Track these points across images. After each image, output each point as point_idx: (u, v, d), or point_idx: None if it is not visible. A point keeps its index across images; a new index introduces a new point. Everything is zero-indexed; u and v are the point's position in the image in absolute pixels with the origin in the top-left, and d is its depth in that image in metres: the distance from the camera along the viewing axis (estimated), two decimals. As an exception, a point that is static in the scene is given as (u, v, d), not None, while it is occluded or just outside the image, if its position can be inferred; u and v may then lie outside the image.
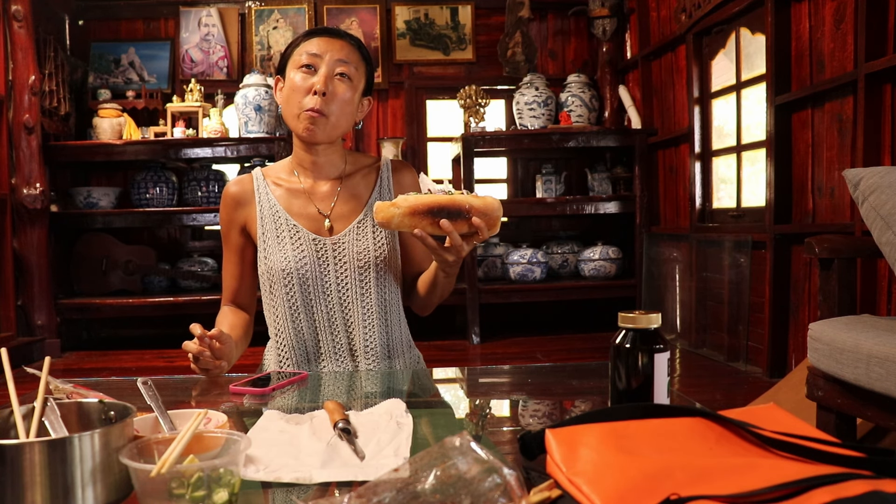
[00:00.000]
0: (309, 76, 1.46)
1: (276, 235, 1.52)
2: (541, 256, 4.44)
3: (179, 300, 4.24)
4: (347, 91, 1.47)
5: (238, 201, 1.57)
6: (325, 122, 1.46)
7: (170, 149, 4.24)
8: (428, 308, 1.59)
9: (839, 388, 1.68)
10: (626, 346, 0.90)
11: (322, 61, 1.46)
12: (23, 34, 3.90)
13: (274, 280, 1.50)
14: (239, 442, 0.76)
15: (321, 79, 1.44)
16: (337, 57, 1.46)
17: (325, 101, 1.44)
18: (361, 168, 1.60)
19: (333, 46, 1.47)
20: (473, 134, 4.33)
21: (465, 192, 1.28)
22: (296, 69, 1.47)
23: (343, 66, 1.47)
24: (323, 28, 1.52)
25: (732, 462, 0.71)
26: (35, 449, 0.69)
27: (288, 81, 1.49)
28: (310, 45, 1.47)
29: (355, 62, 1.49)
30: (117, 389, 1.16)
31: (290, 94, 1.47)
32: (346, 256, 1.51)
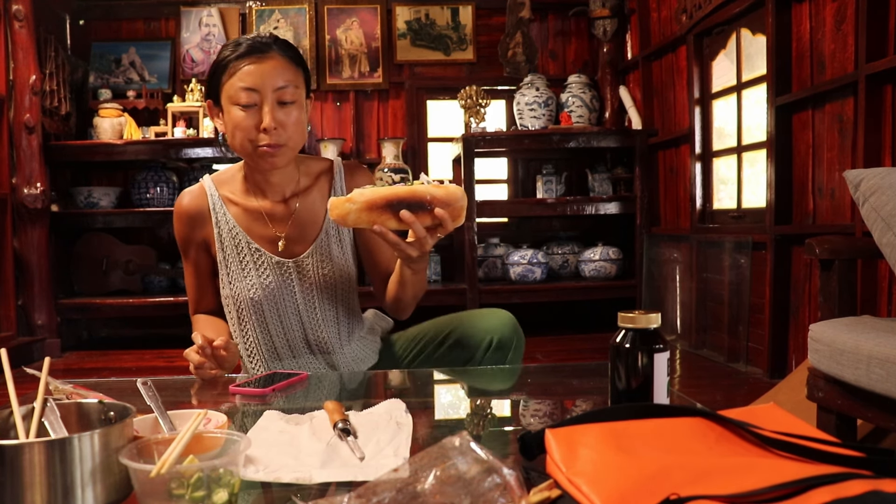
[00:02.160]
0: (251, 113, 1.38)
1: (239, 261, 1.49)
2: (541, 257, 4.44)
3: (180, 300, 4.23)
4: (294, 112, 1.41)
5: (194, 219, 1.52)
6: (283, 149, 1.41)
7: (170, 149, 4.24)
8: (403, 310, 1.54)
9: (839, 389, 1.68)
10: (626, 347, 0.90)
11: (260, 95, 1.37)
12: (23, 34, 3.90)
13: (241, 306, 1.50)
14: (238, 442, 0.76)
15: (267, 116, 1.37)
16: (274, 85, 1.37)
17: (277, 133, 1.38)
18: (316, 179, 1.55)
19: (265, 71, 1.37)
20: (474, 134, 4.33)
21: (427, 182, 1.21)
22: (233, 105, 1.38)
23: (283, 91, 1.38)
24: (248, 47, 1.39)
25: (732, 462, 0.71)
26: (35, 449, 0.69)
27: (228, 116, 1.40)
28: (242, 76, 1.37)
29: (293, 79, 1.40)
30: (117, 390, 1.16)
31: (236, 131, 1.39)
32: (310, 277, 1.50)
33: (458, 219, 1.22)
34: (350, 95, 4.84)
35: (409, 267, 1.37)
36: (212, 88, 1.45)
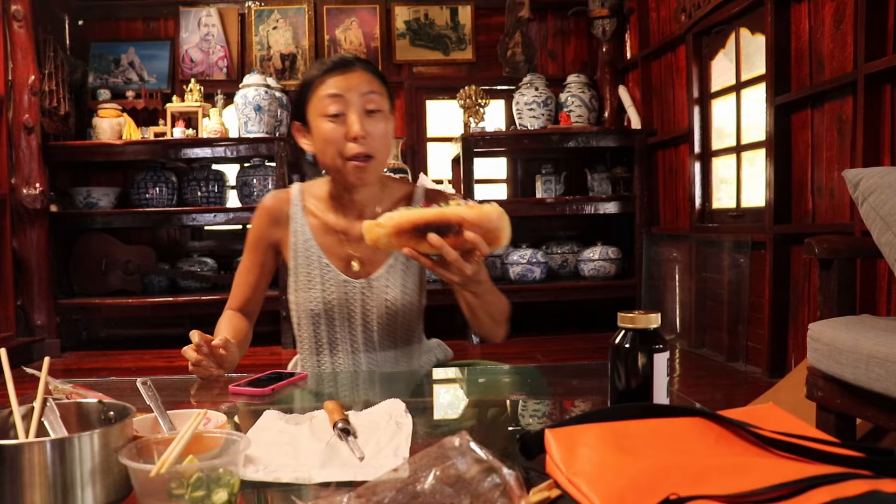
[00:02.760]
0: (339, 122, 1.39)
1: (307, 273, 1.50)
2: (540, 256, 4.44)
3: (179, 300, 4.24)
4: (382, 123, 1.41)
5: (274, 218, 1.54)
6: (373, 163, 1.41)
7: (169, 149, 4.24)
8: (487, 333, 1.46)
9: (839, 388, 1.68)
10: (626, 346, 0.90)
11: (347, 102, 1.39)
12: (22, 34, 3.90)
13: (301, 316, 1.53)
14: (238, 442, 0.76)
15: (356, 123, 1.37)
16: (361, 92, 1.39)
17: (366, 143, 1.38)
18: (396, 203, 1.52)
19: (352, 81, 1.39)
20: (473, 134, 4.33)
21: (464, 203, 1.14)
22: (321, 117, 1.40)
23: (370, 99, 1.40)
24: (333, 63, 1.42)
25: (732, 462, 0.71)
26: (34, 449, 0.69)
27: (317, 131, 1.41)
28: (327, 87, 1.39)
29: (378, 89, 1.42)
30: (117, 389, 1.16)
31: (325, 145, 1.40)
32: (375, 300, 1.49)
33: (496, 242, 1.15)
34: (349, 95, 4.83)
35: (467, 290, 1.29)
36: (298, 109, 1.47)
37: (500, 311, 1.42)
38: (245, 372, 1.56)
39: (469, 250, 1.15)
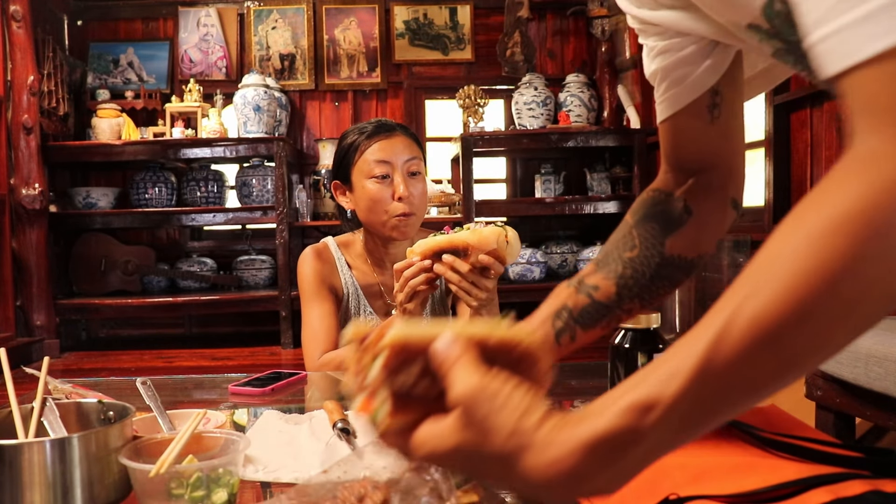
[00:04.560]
0: (385, 184, 1.53)
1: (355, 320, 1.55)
2: (540, 256, 4.45)
3: (178, 300, 4.23)
4: (421, 184, 1.56)
5: (329, 265, 1.62)
6: (413, 219, 1.55)
7: (169, 149, 4.24)
8: None
9: (838, 387, 1.68)
10: (626, 346, 0.90)
11: (393, 166, 1.53)
12: (21, 34, 3.90)
13: None
14: (238, 442, 0.76)
15: (401, 185, 1.52)
16: (405, 157, 1.54)
17: (410, 202, 1.53)
18: None
19: (396, 146, 1.54)
20: (472, 134, 4.33)
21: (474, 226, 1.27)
22: (368, 179, 1.53)
23: (411, 163, 1.55)
24: (376, 128, 1.56)
25: (731, 462, 0.72)
26: (34, 449, 0.69)
27: (363, 191, 1.54)
28: (375, 151, 1.53)
29: (417, 154, 1.58)
30: (116, 389, 1.16)
31: (372, 204, 1.53)
32: None
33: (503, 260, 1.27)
34: (348, 95, 4.83)
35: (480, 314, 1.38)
36: (342, 169, 1.59)
37: None
38: (245, 372, 1.56)
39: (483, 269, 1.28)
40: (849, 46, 0.42)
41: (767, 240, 0.46)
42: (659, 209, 0.82)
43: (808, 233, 0.43)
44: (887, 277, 0.42)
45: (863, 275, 0.41)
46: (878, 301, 0.43)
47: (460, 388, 0.46)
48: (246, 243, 4.77)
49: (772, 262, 0.45)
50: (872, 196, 0.41)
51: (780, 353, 0.43)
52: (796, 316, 0.42)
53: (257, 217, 4.27)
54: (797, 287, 0.42)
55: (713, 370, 0.43)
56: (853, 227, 0.41)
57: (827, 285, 0.42)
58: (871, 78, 0.42)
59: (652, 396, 0.44)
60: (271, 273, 4.57)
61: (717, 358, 0.43)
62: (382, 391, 0.49)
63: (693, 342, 0.45)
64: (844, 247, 0.41)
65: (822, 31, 0.43)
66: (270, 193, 4.39)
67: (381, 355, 0.49)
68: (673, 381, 0.44)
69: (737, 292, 0.46)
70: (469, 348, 0.48)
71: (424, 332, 0.49)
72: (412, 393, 0.50)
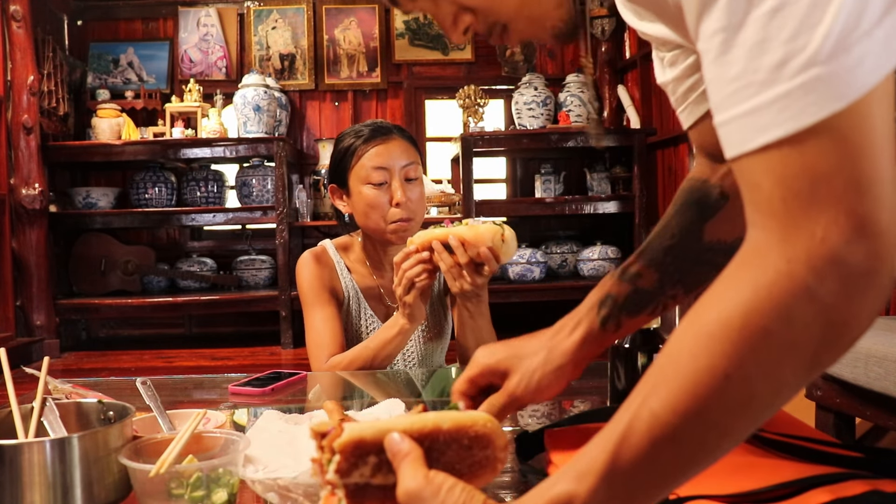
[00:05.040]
0: (383, 190, 1.51)
1: (357, 325, 1.59)
2: (540, 256, 4.45)
3: (178, 300, 4.23)
4: (419, 188, 1.55)
5: (329, 268, 1.60)
6: (412, 224, 1.55)
7: (169, 149, 4.24)
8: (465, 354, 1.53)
9: (838, 387, 1.68)
10: (626, 347, 0.90)
11: (391, 172, 1.52)
12: (21, 34, 3.90)
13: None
14: (238, 442, 0.76)
15: (399, 191, 1.51)
16: (402, 163, 1.53)
17: (407, 208, 1.52)
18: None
19: (393, 151, 1.53)
20: (472, 134, 4.33)
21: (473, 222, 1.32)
22: (365, 185, 1.52)
23: (409, 168, 1.54)
24: (372, 132, 1.54)
25: (732, 462, 0.71)
26: (34, 449, 0.69)
27: (360, 197, 1.53)
28: (372, 157, 1.52)
29: (415, 158, 1.56)
30: (116, 389, 1.16)
31: (370, 209, 1.52)
32: (413, 348, 1.60)
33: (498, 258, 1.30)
34: (348, 95, 4.83)
35: (465, 307, 1.42)
36: (338, 173, 1.58)
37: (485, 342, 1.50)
38: (245, 372, 1.56)
39: (479, 264, 1.31)
40: (738, 136, 0.46)
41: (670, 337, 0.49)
42: (696, 196, 0.84)
43: (699, 335, 0.47)
44: (773, 371, 0.45)
45: (749, 374, 0.45)
46: (771, 394, 0.46)
47: (404, 488, 0.51)
48: (246, 243, 4.77)
49: (669, 363, 0.48)
50: (754, 299, 0.44)
51: (679, 449, 0.47)
52: (690, 414, 0.46)
53: (257, 217, 4.28)
54: (689, 387, 0.46)
55: (620, 468, 0.47)
56: (736, 327, 0.45)
57: (717, 384, 0.45)
58: (756, 169, 0.46)
59: (570, 492, 0.48)
60: (271, 273, 4.57)
61: (623, 457, 0.47)
62: (339, 490, 0.53)
63: (604, 441, 0.49)
64: (730, 350, 0.45)
65: (720, 117, 0.47)
66: (270, 193, 4.39)
67: (335, 459, 0.53)
68: (586, 480, 0.48)
69: (640, 391, 0.49)
70: (415, 447, 0.53)
71: (378, 428, 0.54)
72: (371, 483, 0.54)
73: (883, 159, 0.44)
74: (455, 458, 0.56)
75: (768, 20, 0.44)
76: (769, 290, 0.44)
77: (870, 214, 0.43)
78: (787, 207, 0.44)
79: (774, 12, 0.44)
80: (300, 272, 1.58)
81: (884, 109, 0.44)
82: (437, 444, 0.55)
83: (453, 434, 0.56)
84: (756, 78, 0.45)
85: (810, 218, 0.44)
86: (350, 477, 0.54)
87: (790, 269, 0.44)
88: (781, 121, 0.44)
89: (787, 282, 0.44)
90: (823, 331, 0.45)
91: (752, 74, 0.45)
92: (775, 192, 0.45)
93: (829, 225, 0.43)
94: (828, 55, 0.43)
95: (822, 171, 0.43)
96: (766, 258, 0.45)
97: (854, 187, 0.43)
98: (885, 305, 2.48)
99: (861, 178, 0.43)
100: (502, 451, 0.57)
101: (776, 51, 0.44)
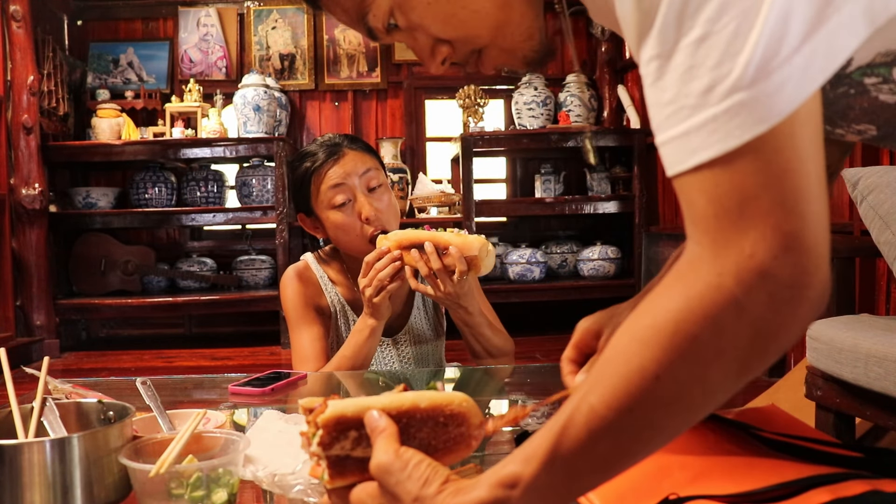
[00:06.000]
0: (349, 209, 1.46)
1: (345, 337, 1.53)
2: (539, 256, 4.44)
3: (178, 300, 4.23)
4: (386, 195, 1.49)
5: (313, 285, 1.57)
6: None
7: (169, 149, 4.24)
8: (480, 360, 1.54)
9: (838, 387, 1.68)
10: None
11: (351, 188, 1.46)
12: (21, 34, 3.90)
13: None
14: (238, 442, 0.76)
15: (365, 206, 1.45)
16: (359, 173, 1.47)
17: (378, 219, 1.46)
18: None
19: (348, 167, 1.46)
20: (472, 134, 4.33)
21: (457, 231, 1.32)
22: (330, 209, 1.47)
23: (370, 178, 1.48)
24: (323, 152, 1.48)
25: (732, 462, 0.72)
26: (34, 449, 0.69)
27: (329, 222, 1.48)
28: (328, 179, 1.46)
29: (373, 164, 1.50)
30: (116, 389, 1.16)
31: (341, 233, 1.47)
32: (406, 353, 1.59)
33: (476, 268, 1.30)
34: (348, 95, 4.83)
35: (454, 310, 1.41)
36: (301, 203, 1.53)
37: (495, 347, 1.51)
38: (245, 372, 1.56)
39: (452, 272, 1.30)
40: (675, 157, 0.49)
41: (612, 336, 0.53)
42: None
43: (633, 339, 0.50)
44: (701, 375, 0.49)
45: (676, 375, 0.48)
46: (701, 396, 0.50)
47: (376, 461, 0.56)
48: (246, 243, 4.77)
49: (607, 363, 0.52)
50: (685, 304, 0.47)
51: (615, 440, 0.51)
52: (623, 410, 0.50)
53: (257, 217, 4.28)
54: (623, 386, 0.50)
55: (560, 455, 0.52)
56: (668, 333, 0.48)
57: (646, 384, 0.49)
58: (691, 187, 0.49)
59: (515, 474, 0.53)
60: (271, 273, 4.57)
61: (563, 445, 0.52)
62: (322, 461, 0.59)
63: (547, 429, 0.53)
64: (659, 351, 0.48)
65: (659, 138, 0.50)
66: (270, 193, 4.39)
67: (318, 433, 0.58)
68: (530, 464, 0.53)
69: (581, 387, 0.53)
70: (391, 424, 0.58)
71: (360, 405, 0.59)
72: (352, 455, 0.59)
73: (809, 178, 0.47)
74: (430, 435, 0.60)
75: (695, 48, 0.47)
76: (700, 301, 0.47)
77: (796, 231, 0.47)
78: (718, 224, 0.47)
79: (701, 41, 0.47)
80: (284, 291, 1.56)
81: (810, 130, 0.47)
82: (413, 421, 0.60)
83: (429, 412, 0.60)
84: (687, 102, 0.47)
85: (740, 234, 0.46)
86: (332, 449, 0.59)
87: (720, 282, 0.47)
88: (711, 143, 0.46)
89: (716, 294, 0.47)
90: (751, 340, 0.47)
91: (683, 99, 0.48)
92: (708, 210, 0.48)
93: (757, 241, 0.46)
94: (750, 81, 0.45)
95: (749, 190, 0.46)
96: (698, 271, 0.48)
97: (780, 205, 0.46)
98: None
99: (787, 196, 0.46)
100: (476, 429, 0.61)
101: (703, 77, 0.47)
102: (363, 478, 0.59)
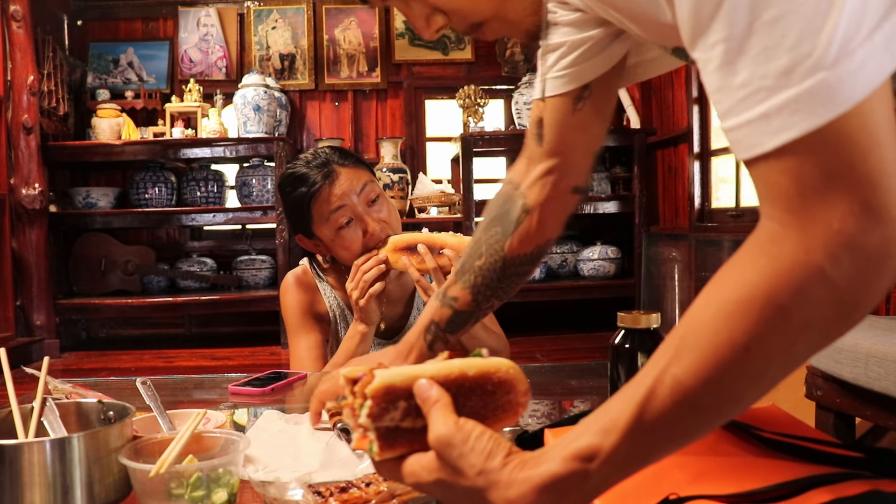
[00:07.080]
0: (352, 227, 1.45)
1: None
2: (540, 256, 4.44)
3: (178, 300, 4.23)
4: (385, 204, 1.50)
5: (308, 289, 1.57)
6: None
7: (169, 149, 4.24)
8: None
9: (838, 387, 1.68)
10: (626, 347, 0.90)
11: (352, 207, 1.45)
12: (21, 34, 3.90)
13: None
14: (238, 442, 0.76)
15: (370, 222, 1.45)
16: (357, 190, 1.45)
17: (385, 229, 1.47)
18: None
19: (344, 185, 1.45)
20: (472, 134, 4.33)
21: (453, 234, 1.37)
22: (335, 231, 1.45)
23: (368, 191, 1.47)
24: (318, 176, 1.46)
25: (732, 462, 0.71)
26: (34, 449, 0.69)
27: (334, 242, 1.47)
28: (328, 202, 1.44)
29: (366, 176, 1.49)
30: (116, 389, 1.16)
31: (348, 251, 1.46)
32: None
33: None
34: (348, 95, 4.83)
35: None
36: (300, 225, 1.51)
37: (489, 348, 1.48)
38: (245, 372, 1.56)
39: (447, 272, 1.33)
40: (752, 140, 0.49)
41: (690, 307, 0.53)
42: (504, 210, 0.94)
43: (720, 308, 0.50)
44: (789, 346, 0.49)
45: (766, 347, 0.49)
46: (784, 366, 0.51)
47: (435, 434, 0.55)
48: (246, 243, 4.77)
49: (691, 332, 0.52)
50: (773, 278, 0.48)
51: (697, 412, 0.51)
52: (711, 382, 0.50)
53: (257, 217, 4.28)
54: (711, 357, 0.50)
55: (643, 427, 0.52)
56: (757, 306, 0.48)
57: (736, 356, 0.49)
58: (771, 168, 0.49)
59: (594, 446, 0.52)
60: (271, 273, 4.57)
61: (646, 417, 0.51)
62: (371, 432, 0.56)
63: (627, 399, 0.53)
64: (749, 323, 0.49)
65: (730, 123, 0.50)
66: (270, 193, 4.39)
67: (367, 404, 0.56)
68: (611, 435, 0.52)
69: (661, 357, 0.53)
70: (444, 393, 0.56)
71: (407, 374, 0.57)
72: (401, 426, 0.57)
73: (889, 153, 0.47)
74: (479, 403, 0.59)
75: (771, 28, 0.46)
76: (788, 275, 0.47)
77: (883, 204, 0.46)
78: (804, 202, 0.47)
79: (776, 21, 0.46)
80: (283, 298, 1.57)
81: (885, 107, 0.47)
82: (462, 389, 0.58)
83: (478, 380, 0.59)
84: (764, 84, 0.47)
85: (827, 209, 0.47)
86: (381, 421, 0.56)
87: (808, 257, 0.47)
88: (793, 122, 0.46)
89: (805, 268, 0.47)
90: (836, 311, 0.48)
91: (759, 81, 0.47)
92: (792, 189, 0.48)
93: (844, 216, 0.46)
94: (833, 60, 0.45)
95: (835, 168, 0.47)
96: (782, 247, 0.48)
97: (866, 180, 0.46)
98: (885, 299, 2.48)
99: (871, 170, 0.46)
100: (524, 396, 0.61)
101: (782, 57, 0.46)
102: (413, 449, 0.57)
